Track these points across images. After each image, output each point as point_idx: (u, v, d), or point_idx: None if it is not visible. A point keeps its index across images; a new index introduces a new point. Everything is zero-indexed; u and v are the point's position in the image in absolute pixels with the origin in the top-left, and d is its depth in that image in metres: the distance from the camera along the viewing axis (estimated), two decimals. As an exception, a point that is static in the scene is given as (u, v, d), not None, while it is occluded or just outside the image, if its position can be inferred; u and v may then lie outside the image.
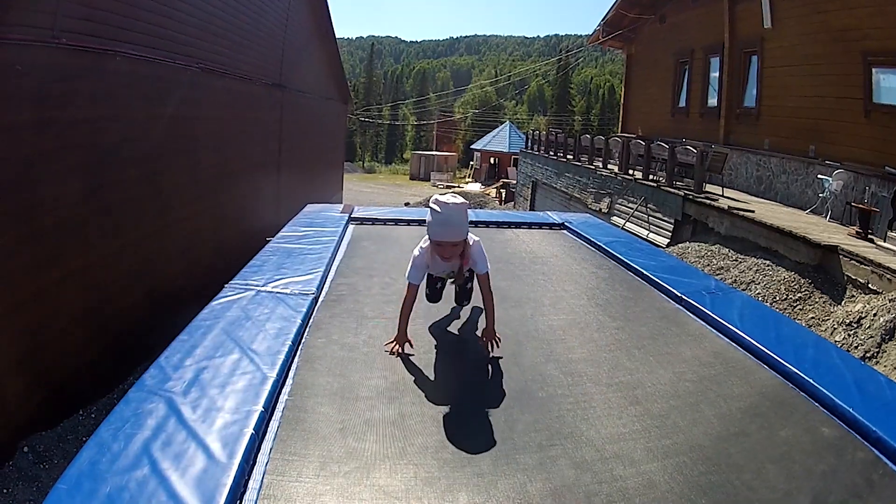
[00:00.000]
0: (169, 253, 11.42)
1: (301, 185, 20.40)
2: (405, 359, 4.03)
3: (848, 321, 9.62)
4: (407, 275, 4.22)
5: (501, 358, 4.02)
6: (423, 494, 2.73)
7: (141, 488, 2.47)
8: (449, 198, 3.96)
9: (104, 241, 9.42)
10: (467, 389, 3.78)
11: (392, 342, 4.16)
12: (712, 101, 21.59)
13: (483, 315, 4.41)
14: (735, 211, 14.00)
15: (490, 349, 4.14)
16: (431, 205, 3.96)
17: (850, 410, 3.40)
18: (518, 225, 8.11)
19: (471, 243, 4.19)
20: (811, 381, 3.73)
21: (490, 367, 3.96)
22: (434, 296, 4.73)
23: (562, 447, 3.15)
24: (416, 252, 4.21)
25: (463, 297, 4.70)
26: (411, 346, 4.16)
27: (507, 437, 3.21)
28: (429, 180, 67.83)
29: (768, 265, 12.33)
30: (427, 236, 4.13)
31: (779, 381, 3.89)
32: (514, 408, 3.30)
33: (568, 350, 4.40)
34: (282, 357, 3.74)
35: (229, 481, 2.55)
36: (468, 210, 4.14)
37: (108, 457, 2.65)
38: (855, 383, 3.74)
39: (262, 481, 2.71)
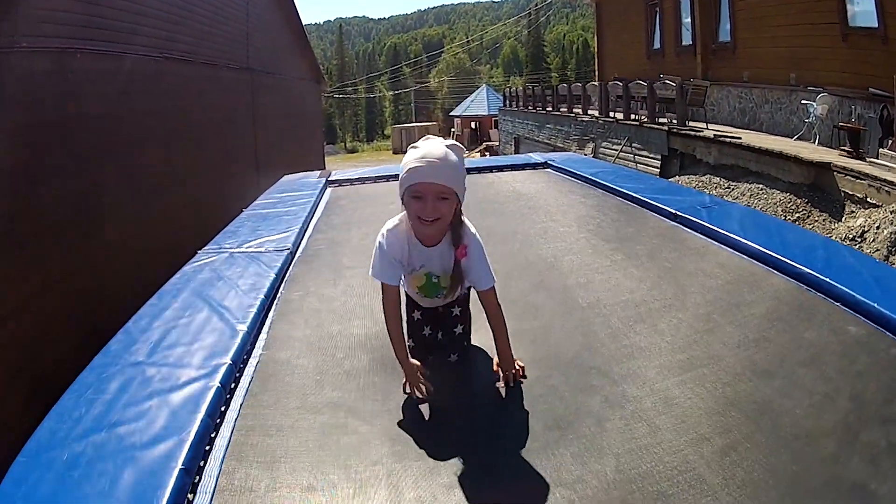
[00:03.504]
0: (149, 249, 11.01)
1: (282, 168, 19.29)
2: None
3: (851, 236, 9.55)
4: (371, 270, 2.96)
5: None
6: (413, 437, 2.50)
7: (98, 451, 2.30)
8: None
9: (83, 244, 9.15)
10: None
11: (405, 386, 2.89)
12: (686, 40, 21.30)
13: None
14: (722, 138, 13.88)
15: (511, 383, 2.89)
16: (407, 151, 2.87)
17: (876, 306, 3.11)
18: (500, 168, 7.77)
19: (469, 228, 2.97)
20: (828, 279, 3.44)
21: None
22: (422, 343, 3.22)
23: (563, 375, 2.92)
24: (382, 232, 2.95)
25: (455, 343, 3.28)
26: (424, 377, 2.88)
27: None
28: (411, 152, 67.36)
29: (762, 189, 12.28)
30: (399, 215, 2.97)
31: (792, 284, 3.60)
32: (505, 342, 3.03)
33: (561, 277, 4.16)
34: (254, 310, 3.50)
35: (190, 437, 2.34)
36: (461, 156, 2.88)
37: (68, 424, 2.48)
38: (874, 279, 3.47)
39: (230, 437, 2.48)
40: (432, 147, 2.78)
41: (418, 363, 2.92)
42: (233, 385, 2.82)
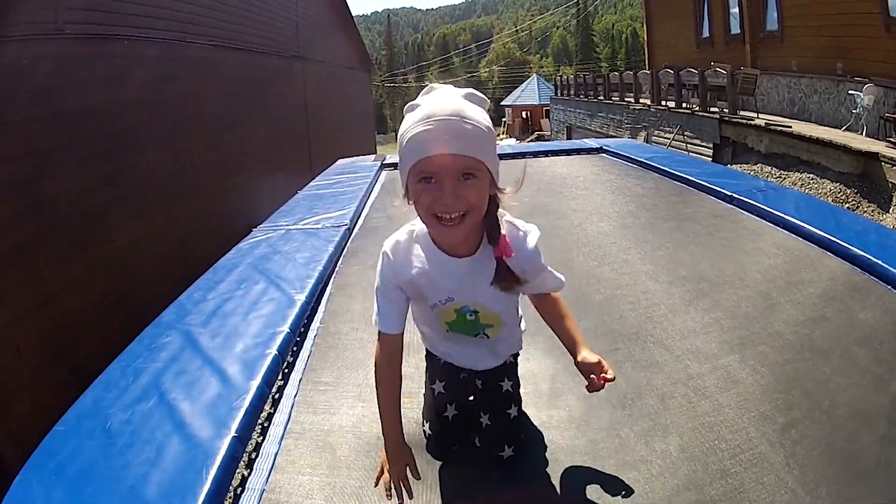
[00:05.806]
0: (200, 234, 11.05)
1: (333, 154, 19.00)
2: None
3: (900, 228, 9.33)
4: (375, 317, 2.09)
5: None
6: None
7: (145, 420, 2.26)
8: None
9: (127, 227, 9.20)
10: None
11: (382, 473, 1.99)
12: (735, 28, 20.99)
13: None
14: (773, 126, 13.81)
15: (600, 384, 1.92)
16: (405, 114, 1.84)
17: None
18: (555, 153, 7.71)
19: (516, 223, 1.96)
20: (881, 262, 3.46)
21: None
22: (442, 432, 2.28)
23: (627, 350, 2.90)
24: (382, 250, 2.04)
25: (499, 433, 2.22)
26: (414, 471, 1.97)
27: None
28: (461, 142, 67.09)
29: (812, 178, 12.20)
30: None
31: (846, 266, 3.63)
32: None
33: (622, 251, 4.19)
34: (311, 282, 3.49)
35: (245, 404, 2.31)
36: (484, 107, 1.87)
37: (113, 393, 2.45)
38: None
39: (290, 414, 2.43)
40: (441, 100, 1.78)
41: (409, 452, 2.01)
42: (290, 357, 2.79)
